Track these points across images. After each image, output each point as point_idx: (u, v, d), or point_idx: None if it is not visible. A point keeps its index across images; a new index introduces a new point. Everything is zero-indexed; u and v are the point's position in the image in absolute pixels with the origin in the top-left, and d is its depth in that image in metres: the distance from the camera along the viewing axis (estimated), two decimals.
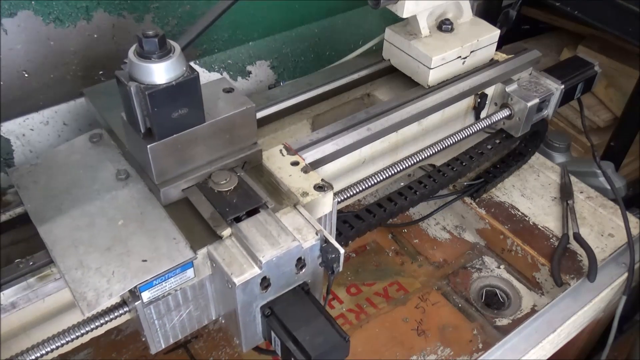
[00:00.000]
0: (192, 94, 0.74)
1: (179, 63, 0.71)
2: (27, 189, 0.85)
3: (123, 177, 0.86)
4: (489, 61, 1.20)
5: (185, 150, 0.79)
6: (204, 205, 0.80)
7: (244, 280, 0.73)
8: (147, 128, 0.74)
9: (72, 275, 0.73)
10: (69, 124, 1.10)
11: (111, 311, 0.78)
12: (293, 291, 0.80)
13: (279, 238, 0.76)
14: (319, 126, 1.03)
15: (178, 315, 0.80)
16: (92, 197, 0.83)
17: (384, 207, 1.07)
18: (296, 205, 0.82)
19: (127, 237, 0.77)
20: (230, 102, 0.82)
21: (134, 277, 0.72)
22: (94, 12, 1.09)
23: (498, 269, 1.25)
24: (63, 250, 0.76)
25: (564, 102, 1.28)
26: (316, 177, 0.88)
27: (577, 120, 1.81)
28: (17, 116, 1.05)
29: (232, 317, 0.80)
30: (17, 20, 1.01)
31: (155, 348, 0.82)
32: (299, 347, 0.75)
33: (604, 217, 1.28)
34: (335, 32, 1.45)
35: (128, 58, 0.71)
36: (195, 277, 0.78)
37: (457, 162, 1.19)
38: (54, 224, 0.79)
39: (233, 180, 0.82)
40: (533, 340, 1.05)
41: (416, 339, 1.10)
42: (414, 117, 1.08)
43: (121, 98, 0.75)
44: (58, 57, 1.09)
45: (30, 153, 1.09)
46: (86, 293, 0.72)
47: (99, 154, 0.90)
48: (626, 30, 1.44)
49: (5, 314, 0.74)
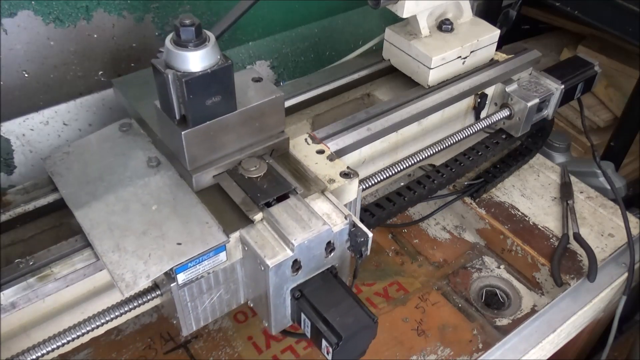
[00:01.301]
0: (226, 82, 0.76)
1: (214, 51, 0.73)
2: (61, 176, 0.87)
3: (154, 164, 0.88)
4: (489, 61, 1.20)
5: (217, 137, 0.81)
6: (235, 191, 0.82)
7: (277, 262, 0.75)
8: (181, 115, 0.76)
9: (109, 257, 0.76)
10: (69, 124, 1.10)
11: (144, 295, 0.81)
12: (322, 274, 0.82)
13: (310, 222, 0.78)
14: (319, 126, 1.03)
15: (209, 298, 0.82)
16: (125, 183, 0.85)
17: (393, 202, 1.09)
18: (324, 192, 0.85)
19: (162, 222, 0.80)
20: (260, 91, 0.84)
21: (170, 260, 0.75)
22: (94, 12, 1.09)
23: (498, 269, 1.25)
24: (100, 234, 0.79)
25: (564, 102, 1.28)
26: (342, 164, 0.90)
27: (577, 120, 1.81)
28: (17, 116, 1.05)
29: (262, 300, 0.82)
30: (17, 20, 1.01)
31: (187, 330, 0.84)
32: (330, 327, 0.77)
33: (604, 217, 1.28)
34: (335, 32, 1.45)
35: (165, 46, 0.73)
36: (227, 261, 0.80)
37: (474, 151, 1.21)
38: (89, 209, 0.82)
39: (262, 167, 0.85)
40: (533, 340, 1.05)
41: (416, 339, 1.10)
42: (414, 117, 1.08)
43: (156, 86, 0.77)
44: (58, 57, 1.09)
45: (30, 153, 1.09)
46: (124, 274, 0.74)
47: (129, 142, 0.92)
48: (626, 30, 1.44)
49: (5, 314, 0.74)
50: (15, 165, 1.08)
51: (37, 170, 1.11)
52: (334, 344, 0.76)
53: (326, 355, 0.79)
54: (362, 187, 0.97)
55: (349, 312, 0.78)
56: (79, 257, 0.79)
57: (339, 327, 0.76)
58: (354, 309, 0.79)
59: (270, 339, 1.09)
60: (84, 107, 1.11)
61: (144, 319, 1.10)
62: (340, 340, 0.76)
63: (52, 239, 0.85)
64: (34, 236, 0.87)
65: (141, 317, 1.09)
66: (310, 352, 1.07)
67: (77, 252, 0.80)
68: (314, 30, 1.41)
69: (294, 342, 1.08)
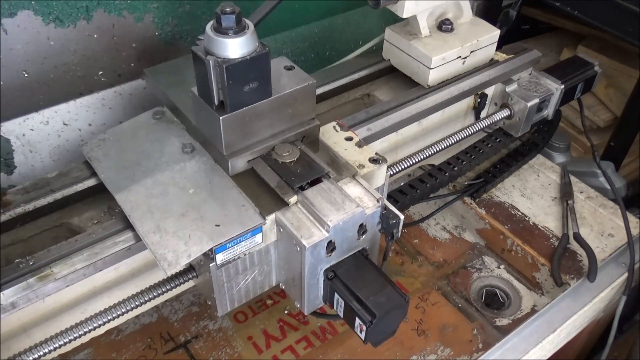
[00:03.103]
0: (263, 68, 0.78)
1: (253, 39, 0.75)
2: (99, 161, 0.90)
3: (189, 150, 0.91)
4: (489, 61, 1.20)
5: (252, 123, 0.83)
6: (270, 175, 0.85)
7: (313, 242, 0.77)
8: (220, 101, 0.78)
9: (151, 238, 0.79)
10: (69, 124, 1.10)
11: (180, 276, 0.85)
12: (353, 256, 0.85)
13: (344, 204, 0.81)
14: None
15: (244, 279, 0.85)
16: (161, 168, 0.89)
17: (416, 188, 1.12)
18: (355, 176, 0.87)
19: (199, 204, 0.82)
20: (293, 79, 0.86)
21: (210, 240, 0.77)
22: (94, 12, 1.09)
23: (498, 269, 1.25)
24: (141, 215, 0.81)
25: (564, 102, 1.28)
26: (370, 150, 0.93)
27: (577, 120, 1.81)
28: (17, 116, 1.05)
29: (294, 281, 0.85)
30: (17, 20, 1.01)
31: (222, 310, 0.87)
32: (364, 306, 0.79)
33: (604, 217, 1.28)
34: (335, 32, 1.45)
35: (205, 34, 0.75)
36: (262, 242, 0.83)
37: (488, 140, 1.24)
38: (129, 192, 0.85)
39: (295, 153, 0.87)
40: (533, 340, 1.05)
41: (416, 339, 1.10)
42: (414, 117, 1.08)
43: (195, 72, 0.79)
44: (58, 57, 1.09)
45: (30, 153, 1.09)
46: (166, 254, 0.76)
47: (163, 130, 0.95)
48: (626, 30, 1.44)
49: (5, 314, 0.74)
50: (15, 165, 1.08)
51: (37, 170, 1.11)
52: (368, 321, 0.78)
53: (359, 333, 0.81)
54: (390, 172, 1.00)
55: (381, 291, 0.81)
56: (78, 257, 0.79)
57: (372, 305, 0.79)
58: (386, 288, 0.81)
59: (270, 339, 1.09)
60: (84, 107, 1.11)
61: (144, 319, 1.09)
62: (374, 317, 0.78)
63: (52, 239, 0.85)
64: (34, 236, 0.87)
65: (141, 317, 1.09)
66: (310, 352, 1.07)
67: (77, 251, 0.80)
68: (314, 30, 1.41)
69: (294, 342, 1.08)
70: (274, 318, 1.12)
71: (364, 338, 0.81)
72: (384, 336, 0.85)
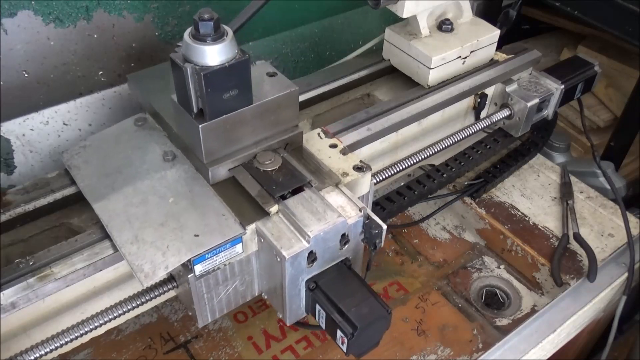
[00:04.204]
0: (243, 76, 0.77)
1: (232, 45, 0.75)
2: (79, 169, 0.89)
3: (170, 157, 0.90)
4: (489, 61, 1.20)
5: (233, 131, 0.82)
6: (251, 184, 0.84)
7: (293, 253, 0.76)
8: (199, 109, 0.77)
9: (128, 248, 0.77)
10: (69, 124, 1.10)
11: (160, 286, 0.83)
12: (336, 266, 0.84)
13: (325, 214, 0.79)
14: (319, 126, 1.02)
15: (225, 289, 0.84)
16: (142, 176, 0.87)
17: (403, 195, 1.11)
18: (338, 185, 0.86)
19: (179, 214, 0.81)
20: (275, 85, 0.85)
21: (188, 251, 0.76)
22: (94, 12, 1.09)
23: (498, 269, 1.25)
24: (118, 225, 0.80)
25: (564, 102, 1.28)
26: (355, 158, 0.92)
27: (577, 120, 1.81)
28: (17, 116, 1.05)
29: (276, 291, 0.83)
30: (17, 20, 1.01)
31: (203, 321, 0.85)
32: (345, 318, 0.78)
33: (604, 217, 1.28)
34: (335, 32, 1.45)
35: (183, 40, 0.73)
36: (243, 253, 0.81)
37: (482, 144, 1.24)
38: (108, 201, 0.84)
39: (277, 161, 0.86)
40: (533, 340, 1.05)
41: (416, 339, 1.10)
42: (414, 117, 1.08)
43: (174, 80, 0.78)
44: (58, 57, 1.09)
45: (30, 153, 1.09)
46: (143, 265, 0.75)
47: (145, 137, 0.94)
48: (626, 30, 1.44)
49: (5, 314, 0.74)
50: (15, 165, 1.08)
51: (37, 170, 1.11)
52: (349, 334, 0.77)
53: (341, 345, 0.80)
54: (375, 180, 0.98)
55: (363, 302, 0.80)
56: (79, 257, 0.79)
57: (354, 317, 0.78)
58: (368, 299, 0.80)
59: (270, 339, 1.09)
60: (84, 107, 1.11)
61: (144, 319, 1.10)
62: (356, 330, 0.77)
63: (52, 239, 0.85)
64: (34, 236, 0.87)
65: (141, 317, 1.09)
66: (310, 352, 1.07)
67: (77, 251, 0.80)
68: (314, 30, 1.41)
69: (294, 342, 1.08)
70: (273, 318, 1.12)
71: (346, 350, 0.79)
72: (367, 348, 0.83)
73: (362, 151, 1.03)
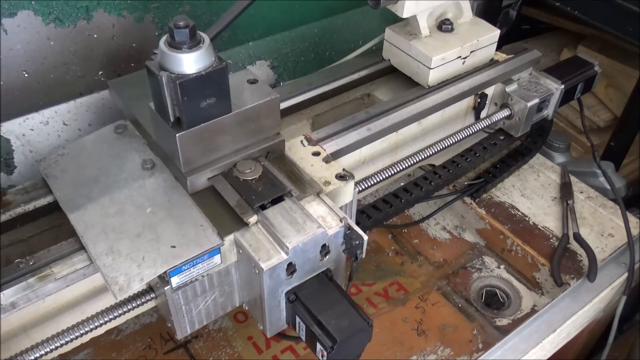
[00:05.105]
0: (221, 83, 0.76)
1: (209, 53, 0.73)
2: (55, 178, 0.87)
3: (149, 166, 0.88)
4: (489, 61, 1.20)
5: (212, 139, 0.80)
6: (230, 193, 0.82)
7: (271, 265, 0.75)
8: (176, 117, 0.75)
9: (103, 260, 0.75)
10: (69, 124, 1.10)
11: (138, 297, 0.81)
12: (317, 277, 0.82)
13: (305, 225, 0.78)
14: (319, 126, 1.03)
15: (204, 301, 0.82)
16: (120, 185, 0.85)
17: (389, 204, 1.08)
18: (319, 194, 0.85)
19: (156, 224, 0.80)
20: (255, 93, 0.83)
21: (164, 263, 0.74)
22: (94, 12, 1.09)
23: (498, 269, 1.25)
24: (94, 236, 0.78)
25: (564, 102, 1.28)
26: (337, 166, 0.90)
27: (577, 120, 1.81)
28: (17, 116, 1.05)
29: (256, 303, 0.82)
30: (17, 20, 1.01)
31: (182, 333, 0.84)
32: (325, 331, 0.77)
33: (604, 217, 1.28)
34: (335, 32, 1.45)
35: (159, 48, 0.72)
36: (222, 264, 0.80)
37: (471, 152, 1.22)
38: (84, 212, 0.82)
39: (258, 169, 0.85)
40: (533, 340, 1.05)
41: (416, 339, 1.10)
42: (414, 117, 1.08)
43: (150, 88, 0.76)
44: (58, 57, 1.09)
45: (30, 153, 1.09)
46: (117, 278, 0.73)
47: (125, 144, 0.92)
48: (626, 30, 1.44)
49: (5, 314, 0.74)
50: (15, 165, 1.08)
51: (37, 170, 1.11)
52: (329, 347, 0.76)
53: (321, 358, 0.79)
54: (358, 189, 0.97)
55: (343, 315, 0.78)
56: (78, 257, 0.79)
57: (333, 330, 0.76)
58: (348, 312, 0.78)
59: (270, 339, 1.09)
60: (84, 107, 1.11)
61: (144, 319, 1.10)
62: (335, 343, 0.75)
63: (52, 239, 0.85)
64: (34, 236, 0.87)
65: (141, 317, 1.09)
66: (310, 352, 1.07)
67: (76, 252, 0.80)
68: (314, 30, 1.41)
69: (294, 342, 1.08)
70: None
71: None
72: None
73: (362, 151, 1.03)
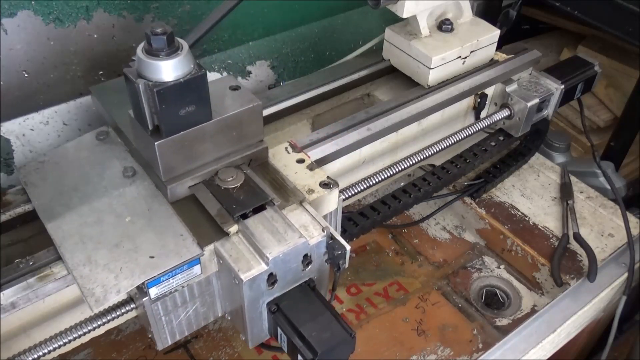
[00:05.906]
0: (200, 91, 0.74)
1: (187, 60, 0.72)
2: (35, 186, 0.86)
3: (130, 174, 0.87)
4: (489, 61, 1.20)
5: (192, 147, 0.79)
6: (211, 202, 0.81)
7: (251, 276, 0.73)
8: (154, 125, 0.74)
9: (80, 271, 0.74)
10: (69, 124, 1.10)
11: (118, 308, 0.79)
12: (299, 287, 0.81)
13: (286, 235, 0.76)
14: (319, 126, 1.03)
15: (185, 311, 0.81)
16: (99, 194, 0.84)
17: (388, 205, 1.08)
18: (302, 203, 0.83)
19: (135, 234, 0.78)
20: (237, 100, 0.82)
21: (142, 274, 0.73)
22: (94, 12, 1.09)
23: (498, 269, 1.25)
24: (71, 246, 0.77)
25: (564, 102, 1.28)
26: (322, 174, 0.89)
27: (577, 120, 1.81)
28: (17, 116, 1.04)
29: (238, 313, 0.80)
30: (17, 20, 1.01)
31: (162, 344, 0.82)
32: (306, 343, 0.75)
33: (604, 217, 1.28)
34: (335, 32, 1.45)
35: (136, 55, 0.71)
36: (202, 274, 0.79)
37: (461, 159, 1.20)
38: (62, 221, 0.80)
39: (239, 178, 0.83)
40: (533, 340, 1.05)
41: (416, 339, 1.10)
42: (414, 117, 1.08)
43: (129, 95, 0.75)
44: (58, 57, 1.09)
45: (30, 153, 1.09)
46: (94, 289, 0.72)
47: (106, 152, 0.91)
48: (626, 30, 1.44)
49: (5, 314, 0.74)
50: (16, 165, 1.08)
51: None
52: (310, 359, 0.75)
53: None
54: (343, 196, 0.95)
55: (325, 326, 0.76)
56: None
57: (314, 342, 0.74)
58: (331, 323, 0.77)
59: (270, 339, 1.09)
60: (84, 107, 1.11)
61: None
62: (316, 355, 0.74)
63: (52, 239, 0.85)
64: (34, 236, 0.87)
65: None
66: None
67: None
68: (314, 30, 1.41)
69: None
70: None
71: None
72: None
73: (362, 151, 1.03)
